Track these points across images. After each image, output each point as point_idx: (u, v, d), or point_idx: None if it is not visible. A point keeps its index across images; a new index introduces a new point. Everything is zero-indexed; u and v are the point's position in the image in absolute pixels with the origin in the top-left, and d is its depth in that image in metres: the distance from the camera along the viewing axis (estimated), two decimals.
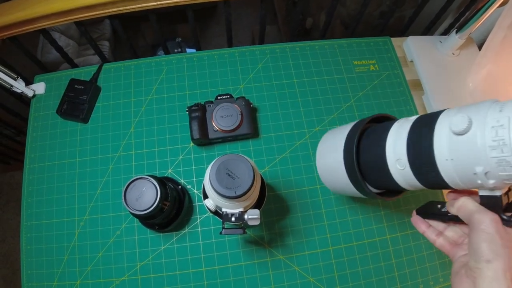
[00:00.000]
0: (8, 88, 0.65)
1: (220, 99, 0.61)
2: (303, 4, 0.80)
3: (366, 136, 0.38)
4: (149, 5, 0.66)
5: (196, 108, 0.59)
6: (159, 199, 0.44)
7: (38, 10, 0.62)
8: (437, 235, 0.35)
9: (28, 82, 0.68)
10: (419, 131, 0.30)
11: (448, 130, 0.26)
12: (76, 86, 0.65)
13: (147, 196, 0.44)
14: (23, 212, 0.59)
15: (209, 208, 0.44)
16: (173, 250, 0.56)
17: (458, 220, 0.31)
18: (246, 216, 0.41)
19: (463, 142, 0.25)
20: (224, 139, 0.61)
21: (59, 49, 0.78)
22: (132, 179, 0.44)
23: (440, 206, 0.35)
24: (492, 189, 0.27)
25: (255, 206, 0.46)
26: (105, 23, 1.76)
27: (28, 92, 0.66)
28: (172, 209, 0.51)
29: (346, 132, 0.40)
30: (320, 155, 0.46)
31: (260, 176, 0.44)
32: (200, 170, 0.61)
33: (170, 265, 0.55)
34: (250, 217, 0.40)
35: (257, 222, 0.41)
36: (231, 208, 0.41)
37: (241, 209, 0.41)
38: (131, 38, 0.84)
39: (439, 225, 0.36)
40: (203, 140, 0.58)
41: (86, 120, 0.64)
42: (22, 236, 0.58)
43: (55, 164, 0.62)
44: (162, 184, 0.47)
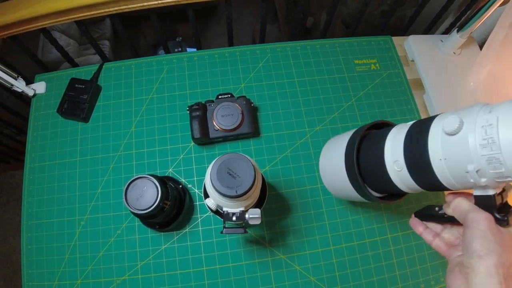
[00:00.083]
0: (9, 88, 0.65)
1: (221, 98, 0.61)
2: (304, 3, 0.80)
3: (366, 141, 0.39)
4: (150, 4, 0.66)
5: (197, 107, 0.59)
6: (160, 198, 0.44)
7: (39, 9, 0.62)
8: (433, 236, 0.36)
9: (29, 81, 0.68)
10: (415, 134, 0.32)
11: (441, 131, 0.28)
12: (76, 86, 0.65)
13: (147, 195, 0.44)
14: (24, 212, 0.59)
15: (210, 208, 0.44)
16: (173, 249, 0.56)
17: (455, 221, 0.32)
18: (247, 216, 0.41)
19: (455, 142, 0.27)
20: (225, 138, 0.61)
21: (59, 48, 0.78)
22: (132, 178, 0.44)
23: (437, 209, 0.36)
24: (484, 188, 0.28)
25: (256, 205, 0.46)
26: (105, 23, 1.76)
27: (29, 91, 0.66)
28: (173, 208, 0.51)
29: (346, 139, 0.42)
30: (323, 166, 0.48)
31: (261, 175, 0.44)
32: (200, 170, 0.61)
33: (171, 264, 0.55)
34: (251, 216, 0.40)
35: (258, 222, 0.41)
36: (232, 208, 0.41)
37: (242, 208, 0.40)
38: (132, 38, 0.84)
39: (437, 227, 0.37)
40: (204, 139, 0.58)
41: (86, 119, 0.64)
42: (22, 236, 0.58)
43: (55, 164, 0.62)
44: (163, 183, 0.47)
